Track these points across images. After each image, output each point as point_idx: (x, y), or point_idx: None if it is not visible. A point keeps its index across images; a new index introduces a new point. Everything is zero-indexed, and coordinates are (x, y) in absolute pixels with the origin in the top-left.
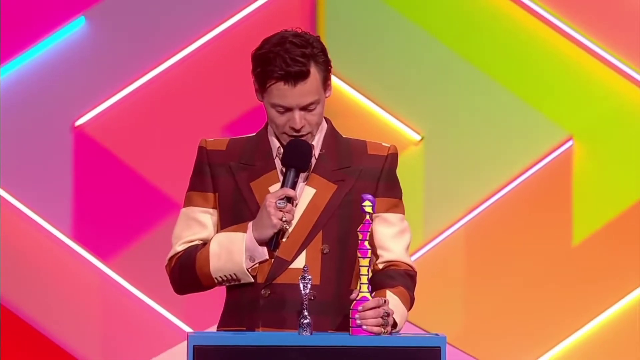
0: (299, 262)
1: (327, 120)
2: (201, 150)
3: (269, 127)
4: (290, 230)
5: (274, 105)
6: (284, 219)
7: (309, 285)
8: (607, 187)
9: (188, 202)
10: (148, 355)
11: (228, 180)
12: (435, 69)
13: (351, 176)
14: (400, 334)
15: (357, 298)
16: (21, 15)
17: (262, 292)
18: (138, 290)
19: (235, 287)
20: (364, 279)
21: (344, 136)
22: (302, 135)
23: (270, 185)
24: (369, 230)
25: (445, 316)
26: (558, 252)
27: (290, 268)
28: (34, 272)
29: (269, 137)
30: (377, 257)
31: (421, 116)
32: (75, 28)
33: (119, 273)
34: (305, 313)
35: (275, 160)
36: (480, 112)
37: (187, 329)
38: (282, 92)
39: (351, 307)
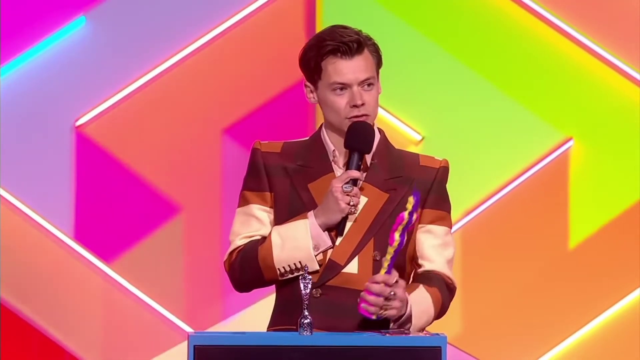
0: (351, 268)
1: (380, 131)
2: (255, 151)
3: (323, 129)
4: (357, 214)
5: (332, 86)
6: (351, 203)
7: (309, 286)
8: (604, 189)
9: (244, 201)
10: (149, 355)
11: (284, 181)
12: (436, 70)
13: (403, 185)
14: (401, 334)
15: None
16: (21, 15)
17: (314, 291)
18: (139, 291)
19: (286, 286)
20: (385, 264)
21: (396, 148)
22: (364, 116)
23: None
24: (402, 223)
25: (445, 316)
26: (555, 254)
27: (343, 272)
28: (34, 272)
29: (324, 140)
30: (418, 266)
31: (421, 116)
32: (75, 28)
33: (120, 273)
34: (306, 313)
35: (333, 164)
36: (480, 112)
37: (188, 329)
38: (339, 67)
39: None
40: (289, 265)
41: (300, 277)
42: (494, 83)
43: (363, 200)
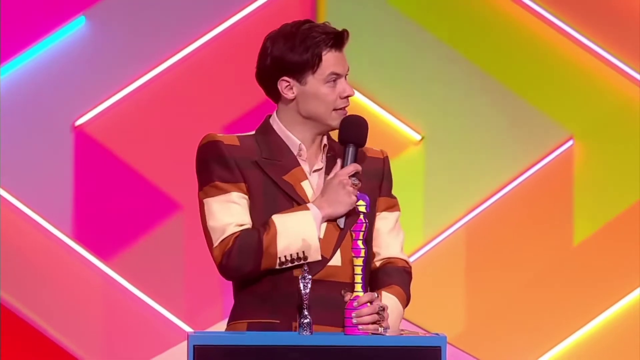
0: (335, 260)
1: None
2: (218, 144)
3: (278, 124)
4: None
5: (328, 77)
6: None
7: (309, 285)
8: (607, 186)
9: (220, 191)
10: (148, 354)
11: (255, 173)
12: (436, 69)
13: (362, 176)
14: (401, 333)
15: (351, 298)
16: (21, 15)
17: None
18: (138, 290)
19: (268, 279)
20: (358, 279)
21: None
22: (345, 108)
23: (302, 181)
24: (362, 229)
25: (445, 316)
26: (559, 251)
27: (329, 265)
28: (34, 272)
29: (283, 134)
30: (374, 254)
31: (421, 116)
32: (75, 27)
33: (120, 273)
34: (306, 313)
35: (297, 158)
36: (480, 112)
37: (188, 329)
38: (332, 59)
39: (345, 307)
40: (290, 255)
41: (300, 277)
42: (495, 82)
43: None
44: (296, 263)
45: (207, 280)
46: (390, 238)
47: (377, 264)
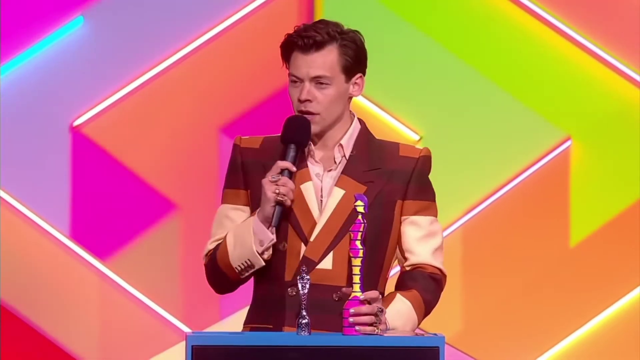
0: (326, 264)
1: (361, 122)
2: (235, 147)
3: None
4: (288, 203)
5: (290, 78)
6: (277, 191)
7: (307, 286)
8: (605, 187)
9: (222, 200)
10: (147, 355)
11: (261, 177)
12: (434, 69)
13: (381, 178)
14: (399, 334)
15: (350, 298)
16: (20, 15)
17: (289, 290)
18: (137, 290)
19: (263, 284)
20: (356, 279)
21: (377, 138)
22: (310, 113)
23: (302, 184)
24: (361, 230)
25: (444, 316)
26: (555, 252)
27: (317, 268)
28: (33, 272)
29: None
30: (405, 259)
31: (420, 116)
32: (73, 28)
33: (118, 273)
34: (304, 313)
35: (307, 160)
36: (478, 112)
37: (186, 329)
38: (296, 61)
39: (343, 307)
40: (242, 264)
41: (298, 277)
42: (492, 83)
43: (340, 192)
44: (253, 270)
45: (204, 280)
46: (420, 245)
47: (407, 267)
